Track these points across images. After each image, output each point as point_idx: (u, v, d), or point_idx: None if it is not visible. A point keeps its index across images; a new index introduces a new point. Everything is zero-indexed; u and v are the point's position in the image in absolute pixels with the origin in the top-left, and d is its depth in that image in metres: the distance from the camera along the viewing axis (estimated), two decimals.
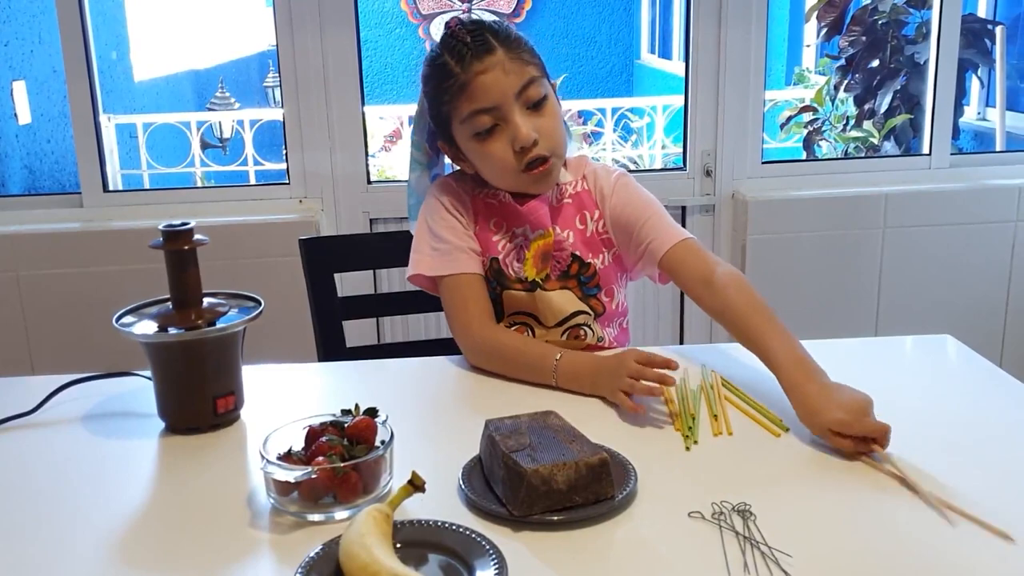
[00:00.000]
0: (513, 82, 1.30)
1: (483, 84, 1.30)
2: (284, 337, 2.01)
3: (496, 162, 1.34)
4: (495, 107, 1.31)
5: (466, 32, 1.32)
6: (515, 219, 1.39)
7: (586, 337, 1.41)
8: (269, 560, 0.91)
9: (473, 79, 1.30)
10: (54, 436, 1.19)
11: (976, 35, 3.65)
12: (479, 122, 1.32)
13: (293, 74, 2.45)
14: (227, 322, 1.16)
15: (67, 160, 4.26)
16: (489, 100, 1.31)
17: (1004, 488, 0.99)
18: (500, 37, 1.32)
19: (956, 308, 2.60)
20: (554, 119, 1.35)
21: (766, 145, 2.84)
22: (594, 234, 1.41)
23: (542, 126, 1.32)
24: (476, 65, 1.30)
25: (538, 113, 1.33)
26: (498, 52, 1.31)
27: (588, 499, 0.94)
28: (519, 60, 1.31)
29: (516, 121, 1.31)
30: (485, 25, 1.34)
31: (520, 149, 1.31)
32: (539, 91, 1.33)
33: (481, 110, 1.31)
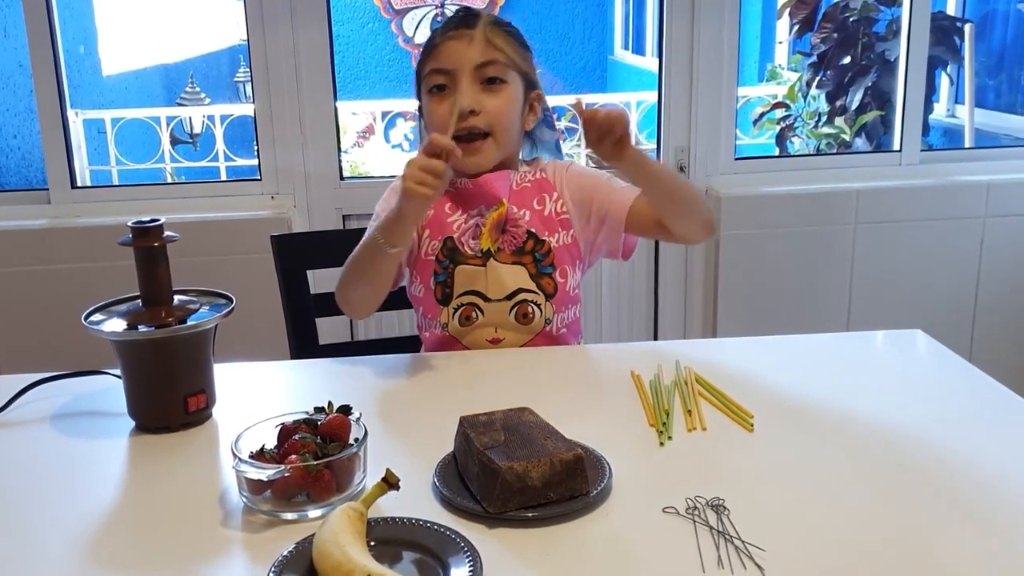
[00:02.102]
0: (474, 54, 1.38)
1: (447, 47, 1.40)
2: (256, 335, 1.99)
3: (435, 120, 1.41)
4: (450, 71, 1.39)
5: (464, 10, 1.43)
6: (472, 200, 1.44)
7: (533, 316, 1.44)
8: (242, 559, 0.90)
9: (442, 42, 1.41)
10: (22, 436, 1.17)
11: (945, 33, 3.69)
12: (432, 79, 1.41)
13: (264, 69, 2.43)
14: (198, 320, 1.15)
15: (34, 156, 4.21)
16: (447, 62, 1.39)
17: (973, 481, 1.01)
18: (487, 20, 1.41)
19: (926, 303, 2.63)
20: (505, 104, 1.41)
21: (739, 141, 2.86)
22: (552, 214, 1.46)
23: (488, 103, 1.39)
24: (451, 31, 1.40)
25: (491, 92, 1.40)
26: (476, 28, 1.39)
27: (563, 495, 0.94)
28: (490, 43, 1.39)
29: (463, 88, 1.38)
30: (483, 12, 1.45)
31: (458, 115, 1.37)
32: (496, 72, 1.40)
33: (438, 69, 1.40)
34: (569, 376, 1.33)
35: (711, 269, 2.58)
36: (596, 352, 1.47)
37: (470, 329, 1.44)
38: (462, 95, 1.37)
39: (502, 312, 1.43)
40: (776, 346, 1.46)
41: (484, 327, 1.44)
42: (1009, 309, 2.67)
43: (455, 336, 1.45)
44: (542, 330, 1.45)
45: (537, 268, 1.44)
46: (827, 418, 1.17)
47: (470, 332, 1.44)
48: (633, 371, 1.30)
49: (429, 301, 1.46)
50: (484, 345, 1.44)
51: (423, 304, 1.47)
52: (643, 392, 1.23)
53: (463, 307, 1.43)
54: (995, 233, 2.61)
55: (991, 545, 0.89)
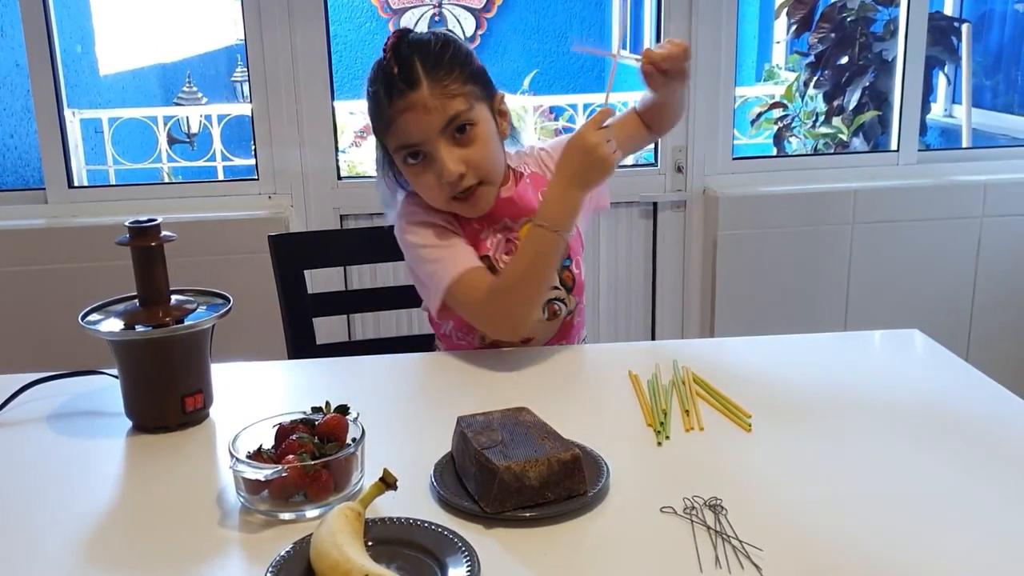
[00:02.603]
0: (435, 120, 1.30)
1: (405, 123, 1.31)
2: (253, 334, 1.99)
3: (426, 191, 1.36)
4: (419, 143, 1.32)
5: (394, 62, 1.30)
6: (494, 215, 1.41)
7: (560, 312, 1.44)
8: (239, 560, 0.90)
9: (396, 117, 1.31)
10: (19, 436, 1.17)
11: (943, 33, 3.69)
12: (403, 153, 1.34)
13: (262, 69, 2.43)
14: (195, 320, 1.15)
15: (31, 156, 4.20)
16: (412, 138, 1.32)
17: (970, 480, 1.01)
18: (428, 66, 1.30)
19: (923, 303, 2.63)
20: (484, 147, 1.34)
21: (737, 141, 2.86)
22: None
23: (470, 157, 1.33)
24: (399, 102, 1.30)
25: (466, 144, 1.33)
26: (422, 88, 1.29)
27: (560, 495, 0.94)
28: (443, 95, 1.30)
29: (441, 157, 1.31)
30: (417, 48, 1.31)
31: (447, 184, 1.32)
32: (466, 120, 1.32)
33: (406, 145, 1.33)
34: (567, 376, 1.33)
35: (709, 269, 2.59)
36: (594, 352, 1.47)
37: None
38: (444, 164, 1.31)
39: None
40: (774, 346, 1.46)
41: None
42: (1006, 309, 2.67)
43: (489, 346, 1.44)
44: (565, 323, 1.46)
45: (561, 262, 1.42)
46: (825, 418, 1.17)
47: None
48: (631, 371, 1.29)
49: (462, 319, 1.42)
50: (515, 344, 1.43)
51: (455, 320, 1.43)
52: (641, 392, 1.23)
53: None
54: (992, 233, 2.61)
55: (990, 545, 0.89)
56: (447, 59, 1.31)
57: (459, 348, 1.47)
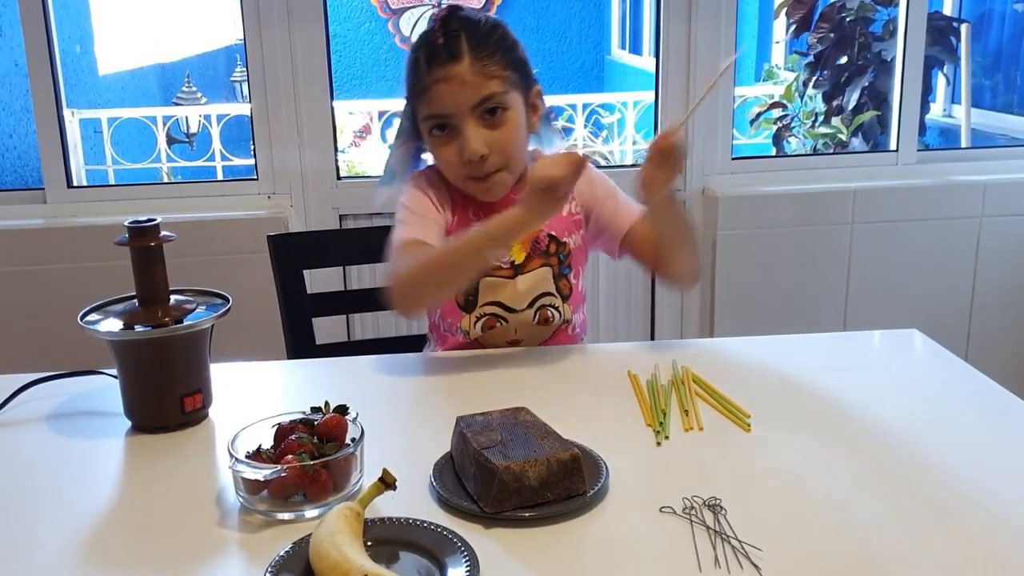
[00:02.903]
0: (470, 96, 1.31)
1: (439, 93, 1.32)
2: (253, 334, 1.99)
3: (445, 165, 1.38)
4: (449, 116, 1.33)
5: (441, 33, 1.32)
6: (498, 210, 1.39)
7: (553, 319, 1.44)
8: (238, 559, 0.90)
9: (432, 85, 1.32)
10: (18, 436, 1.17)
11: (942, 33, 3.69)
12: (431, 123, 1.35)
13: (261, 68, 2.42)
14: (194, 319, 1.15)
15: (30, 156, 4.20)
16: (443, 108, 1.33)
17: (970, 480, 1.01)
18: (473, 43, 1.31)
19: (923, 303, 2.63)
20: (511, 133, 1.35)
21: (736, 141, 2.86)
22: (569, 215, 1.46)
23: (496, 139, 1.33)
24: (438, 71, 1.31)
25: (494, 126, 1.34)
26: (463, 61, 1.31)
27: (560, 495, 0.94)
28: (483, 73, 1.31)
29: (467, 134, 1.32)
30: (466, 25, 1.33)
31: (466, 161, 1.33)
32: (498, 103, 1.33)
33: (435, 116, 1.34)
34: (566, 376, 1.33)
35: (708, 269, 2.58)
36: (593, 352, 1.47)
37: (491, 334, 1.43)
38: (468, 141, 1.32)
39: (525, 319, 1.42)
40: (773, 346, 1.46)
41: (506, 331, 1.43)
42: (1005, 309, 2.67)
43: (474, 340, 1.44)
44: (559, 330, 1.46)
45: (559, 269, 1.44)
46: (824, 418, 1.17)
47: (491, 336, 1.43)
48: (630, 371, 1.29)
49: (451, 306, 1.43)
50: (502, 345, 1.44)
51: (443, 307, 1.45)
52: (640, 392, 1.23)
53: (487, 317, 1.42)
54: (992, 233, 2.61)
55: (988, 544, 0.89)
56: (493, 40, 1.34)
57: (445, 341, 1.47)
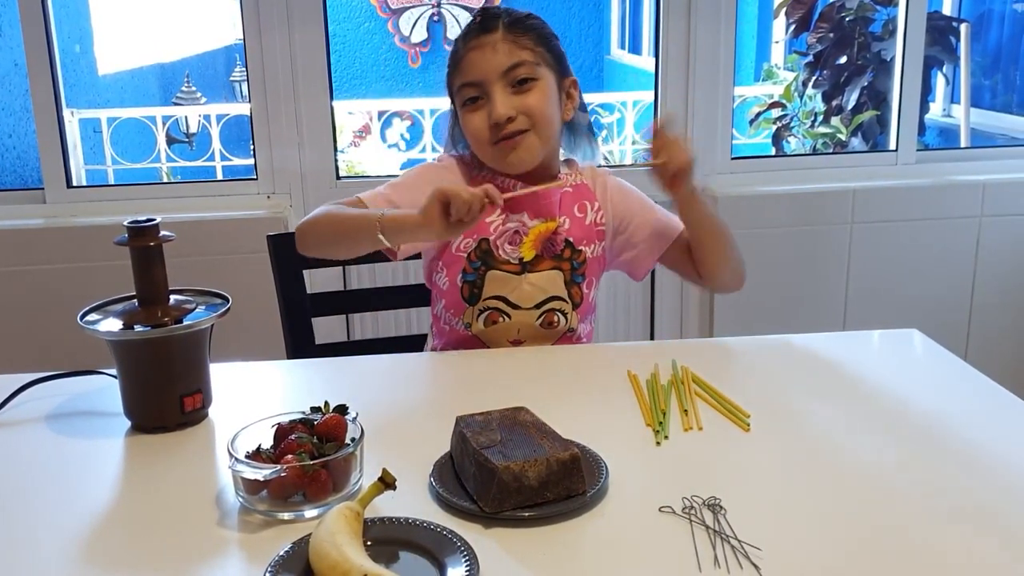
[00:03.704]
0: (501, 61, 1.36)
1: (472, 59, 1.38)
2: (252, 334, 1.99)
3: (473, 133, 1.40)
4: (479, 82, 1.37)
5: (481, 15, 1.40)
6: (516, 205, 1.42)
7: (559, 324, 1.43)
8: (238, 559, 0.90)
9: (466, 54, 1.39)
10: (17, 436, 1.17)
11: (941, 32, 3.69)
12: (465, 93, 1.39)
13: (260, 68, 2.42)
14: (194, 319, 1.15)
15: (30, 155, 4.20)
16: (474, 75, 1.37)
17: (969, 479, 1.01)
18: (510, 21, 1.39)
19: (922, 302, 2.63)
20: (540, 100, 1.38)
21: (735, 141, 2.86)
22: (592, 224, 1.46)
23: (524, 102, 1.37)
24: (472, 41, 1.38)
25: (524, 92, 1.37)
26: (496, 32, 1.37)
27: (559, 495, 0.94)
28: (514, 43, 1.37)
29: (495, 98, 1.36)
30: (504, 11, 1.41)
31: (494, 124, 1.36)
32: (526, 73, 1.37)
33: (467, 83, 1.38)
34: (565, 375, 1.33)
35: None
36: (593, 351, 1.47)
37: (493, 330, 1.43)
38: (495, 104, 1.35)
39: (529, 319, 1.43)
40: (772, 345, 1.46)
41: (508, 329, 1.43)
42: (1005, 308, 2.67)
43: (476, 335, 1.44)
44: (563, 337, 1.46)
45: (571, 276, 1.44)
46: (823, 417, 1.17)
47: (493, 332, 1.44)
48: (630, 370, 1.29)
49: (454, 297, 1.44)
50: (504, 344, 1.44)
51: (447, 298, 1.45)
52: (640, 391, 1.23)
53: (490, 311, 1.42)
54: (991, 233, 2.61)
55: (988, 544, 0.89)
56: (529, 23, 1.40)
57: (445, 335, 1.47)
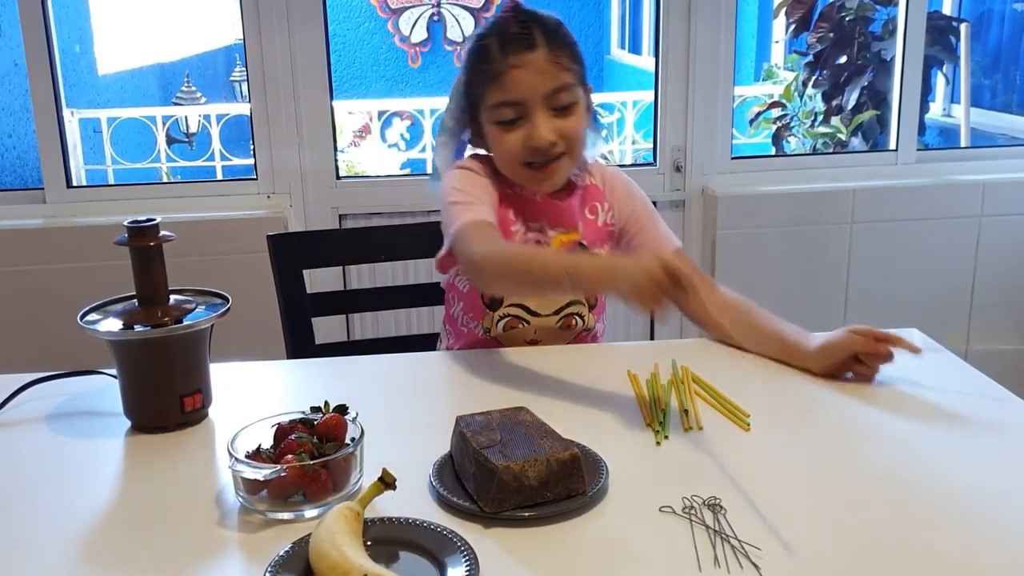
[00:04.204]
0: (545, 83, 1.32)
1: (515, 78, 1.33)
2: (252, 334, 1.99)
3: (506, 151, 1.37)
4: (521, 102, 1.33)
5: (515, 21, 1.35)
6: (537, 212, 1.41)
7: (576, 325, 1.44)
8: (238, 559, 0.90)
9: (507, 71, 1.33)
10: (17, 436, 1.17)
11: (941, 32, 3.69)
12: (502, 112, 1.35)
13: (260, 68, 2.42)
14: (194, 319, 1.15)
15: (29, 155, 4.20)
16: (517, 94, 1.33)
17: (969, 479, 1.01)
18: (547, 35, 1.34)
19: (922, 302, 2.63)
20: (578, 124, 1.37)
21: (735, 140, 2.86)
22: (604, 225, 1.46)
23: (564, 127, 1.34)
24: (514, 58, 1.33)
25: (563, 116, 1.35)
26: (539, 50, 1.33)
27: (559, 495, 0.94)
28: (557, 63, 1.33)
29: (537, 121, 1.33)
30: (536, 18, 1.36)
31: (532, 148, 1.33)
32: (568, 97, 1.34)
33: (507, 102, 1.34)
34: (565, 375, 1.33)
35: (707, 268, 2.58)
36: (593, 351, 1.47)
37: (512, 333, 1.43)
38: (538, 129, 1.33)
39: (548, 323, 1.42)
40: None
41: (526, 331, 1.43)
42: (1005, 308, 2.67)
43: (495, 338, 1.44)
44: (579, 336, 1.46)
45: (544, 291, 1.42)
46: (823, 417, 1.17)
47: (511, 336, 1.43)
48: (630, 370, 1.29)
49: (474, 302, 1.42)
50: (521, 344, 1.43)
51: (466, 301, 1.44)
52: (640, 391, 1.23)
53: (510, 318, 1.42)
54: (991, 232, 2.61)
55: (988, 544, 0.89)
56: (561, 35, 1.36)
57: (462, 337, 1.46)
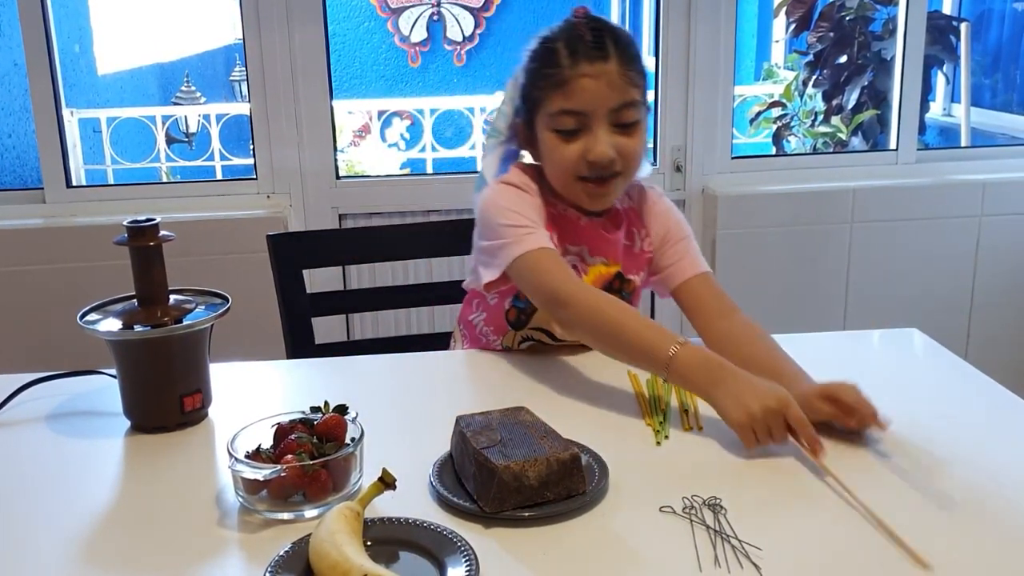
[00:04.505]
0: (613, 97, 1.27)
1: (583, 87, 1.27)
2: (252, 334, 1.99)
3: (562, 163, 1.31)
4: (584, 113, 1.28)
5: (588, 28, 1.29)
6: (578, 235, 1.37)
7: None
8: (238, 559, 0.90)
9: (576, 79, 1.27)
10: (17, 436, 1.17)
11: (941, 32, 3.69)
12: (564, 121, 1.29)
13: (260, 68, 2.42)
14: (194, 319, 1.15)
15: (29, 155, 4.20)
16: (582, 104, 1.27)
17: (969, 479, 1.01)
18: (619, 47, 1.29)
19: (922, 302, 2.63)
20: (639, 144, 1.31)
21: (736, 140, 2.86)
22: (640, 251, 1.41)
23: (624, 146, 1.29)
24: (586, 67, 1.27)
25: (625, 134, 1.30)
26: (611, 61, 1.27)
27: (560, 495, 0.94)
28: (627, 78, 1.28)
29: (599, 135, 1.28)
30: (608, 28, 1.31)
31: (590, 163, 1.28)
32: (633, 115, 1.29)
33: (570, 111, 1.28)
34: (565, 375, 1.33)
35: None
36: (593, 351, 1.47)
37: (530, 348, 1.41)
38: (599, 143, 1.27)
39: (569, 348, 1.39)
40: None
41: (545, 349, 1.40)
42: (1005, 308, 2.67)
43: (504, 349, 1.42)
44: None
45: None
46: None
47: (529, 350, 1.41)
48: (630, 370, 1.29)
49: (499, 317, 1.40)
50: None
51: (490, 314, 1.41)
52: (640, 391, 1.23)
53: (532, 341, 1.40)
54: (991, 232, 2.61)
55: (987, 543, 0.89)
56: (633, 49, 1.31)
57: (476, 341, 1.45)
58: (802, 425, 1.04)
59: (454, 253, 1.70)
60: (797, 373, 1.19)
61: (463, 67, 6.52)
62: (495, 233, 1.31)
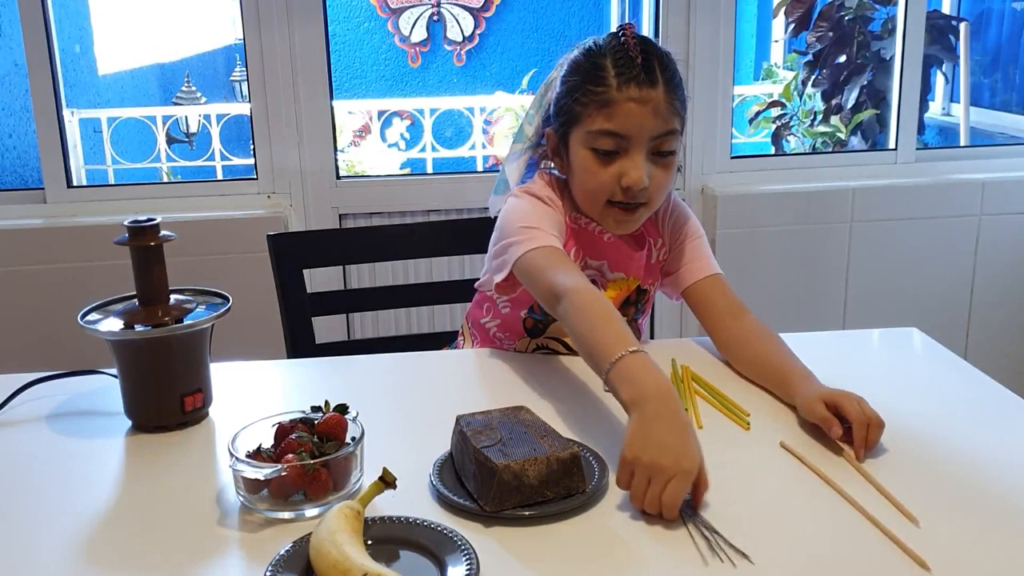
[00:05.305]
0: (657, 125, 1.25)
1: (629, 111, 1.24)
2: (253, 334, 1.99)
3: (595, 183, 1.29)
4: (626, 137, 1.26)
5: (639, 51, 1.26)
6: (600, 250, 1.36)
7: None
8: (239, 559, 0.90)
9: (623, 102, 1.25)
10: (18, 436, 1.17)
11: (940, 31, 3.69)
12: (603, 141, 1.27)
13: (260, 68, 2.42)
14: (194, 319, 1.15)
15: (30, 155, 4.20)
16: (626, 128, 1.25)
17: (968, 478, 1.01)
18: (666, 74, 1.26)
19: (922, 301, 2.63)
20: (670, 176, 1.30)
21: (735, 140, 2.86)
22: (656, 262, 1.42)
23: (657, 176, 1.28)
24: (634, 90, 1.24)
25: (660, 164, 1.28)
26: (659, 89, 1.25)
27: (559, 493, 0.94)
28: (671, 107, 1.27)
29: (637, 160, 1.26)
30: (657, 52, 1.28)
31: (625, 188, 1.27)
32: (672, 144, 1.28)
33: (612, 133, 1.26)
34: (566, 375, 1.33)
35: None
36: None
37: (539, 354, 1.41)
38: (634, 169, 1.25)
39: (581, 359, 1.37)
40: None
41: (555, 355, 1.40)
42: (1004, 307, 2.67)
43: None
44: None
45: (633, 315, 1.40)
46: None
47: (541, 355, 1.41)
48: None
49: (515, 323, 1.40)
50: None
51: (505, 320, 1.41)
52: None
53: (546, 350, 1.40)
54: (990, 231, 2.62)
55: (986, 542, 0.89)
56: (677, 78, 1.30)
57: (487, 342, 1.44)
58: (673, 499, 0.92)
59: (454, 253, 1.70)
60: (805, 375, 1.19)
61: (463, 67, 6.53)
62: (508, 235, 1.30)
